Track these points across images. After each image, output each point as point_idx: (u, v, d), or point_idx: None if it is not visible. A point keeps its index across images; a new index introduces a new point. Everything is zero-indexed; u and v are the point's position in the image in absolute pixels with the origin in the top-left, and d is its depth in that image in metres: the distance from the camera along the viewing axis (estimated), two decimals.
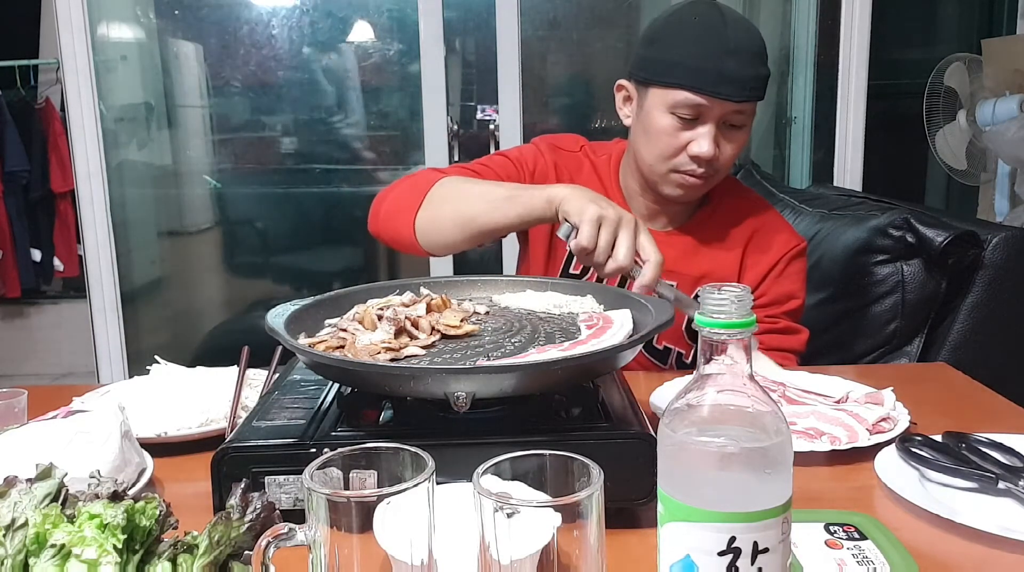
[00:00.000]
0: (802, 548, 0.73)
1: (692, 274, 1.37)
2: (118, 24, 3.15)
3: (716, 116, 1.25)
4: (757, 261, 1.38)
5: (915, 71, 3.01)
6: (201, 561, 0.62)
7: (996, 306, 1.60)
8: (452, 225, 1.25)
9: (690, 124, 1.26)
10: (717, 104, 1.24)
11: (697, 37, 1.25)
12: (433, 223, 1.27)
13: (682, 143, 1.28)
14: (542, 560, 0.54)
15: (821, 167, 3.09)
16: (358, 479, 0.58)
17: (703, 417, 0.53)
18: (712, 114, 1.25)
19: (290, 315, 0.95)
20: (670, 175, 1.31)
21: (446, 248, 1.30)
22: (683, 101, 1.25)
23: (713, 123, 1.26)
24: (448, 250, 1.32)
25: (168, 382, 1.16)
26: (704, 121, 1.26)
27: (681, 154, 1.28)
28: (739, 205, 1.43)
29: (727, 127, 1.28)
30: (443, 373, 0.79)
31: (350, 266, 3.43)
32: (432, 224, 1.27)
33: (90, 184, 2.83)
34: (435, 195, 1.28)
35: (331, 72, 3.15)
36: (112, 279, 2.90)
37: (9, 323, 4.21)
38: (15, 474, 0.66)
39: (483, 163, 1.43)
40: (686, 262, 1.38)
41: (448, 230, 1.26)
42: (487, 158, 1.46)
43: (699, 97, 1.24)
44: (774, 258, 1.38)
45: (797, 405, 1.07)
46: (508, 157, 1.44)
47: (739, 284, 0.54)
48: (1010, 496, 0.85)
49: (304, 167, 3.30)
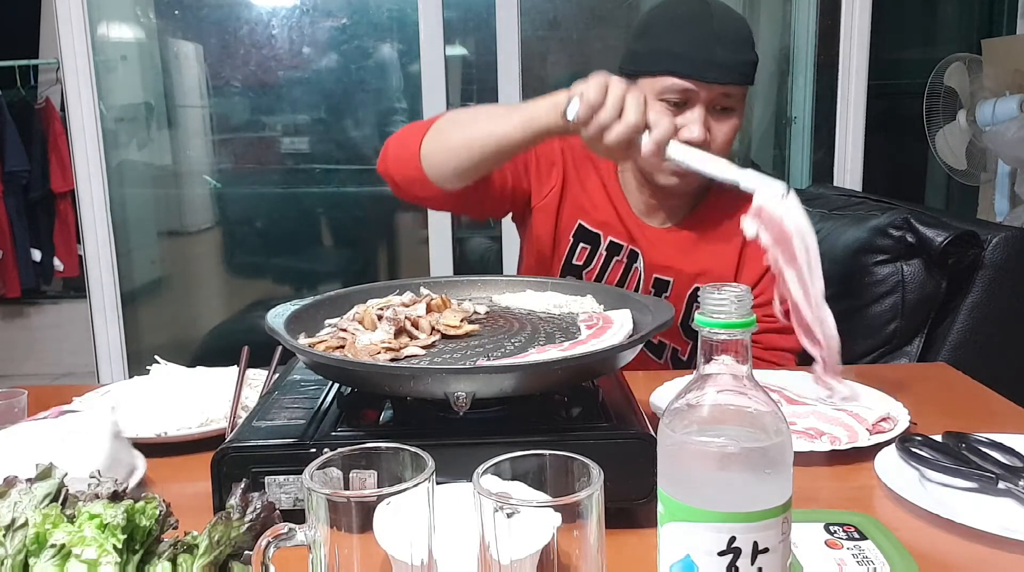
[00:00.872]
0: (802, 548, 0.73)
1: (689, 271, 1.38)
2: (118, 24, 3.14)
3: (704, 100, 1.27)
4: (755, 260, 1.38)
5: (915, 71, 3.01)
6: (201, 561, 0.62)
7: (996, 306, 1.60)
8: (458, 146, 1.19)
9: (679, 110, 1.28)
10: (704, 88, 1.26)
11: (682, 26, 1.28)
12: (439, 148, 1.21)
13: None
14: (542, 560, 0.54)
15: (821, 167, 3.08)
16: (358, 479, 0.58)
17: (703, 417, 0.53)
18: (700, 98, 1.27)
19: (290, 315, 0.95)
20: (664, 163, 1.32)
21: (452, 174, 1.21)
22: (671, 87, 1.26)
23: (702, 108, 1.27)
24: (454, 178, 1.22)
25: (168, 382, 1.16)
26: (692, 106, 1.27)
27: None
28: (738, 202, 1.42)
29: (717, 112, 1.29)
30: (443, 373, 0.79)
31: (350, 266, 3.43)
32: (437, 149, 1.21)
33: (90, 184, 2.83)
34: (442, 123, 1.24)
35: (331, 72, 3.15)
36: (112, 279, 2.90)
37: (9, 323, 4.21)
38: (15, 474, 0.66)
39: None
40: (684, 258, 1.38)
41: (454, 152, 1.19)
42: None
43: (686, 82, 1.25)
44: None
45: (797, 405, 1.07)
46: None
47: (739, 284, 0.54)
48: (1010, 496, 0.85)
49: (304, 167, 3.29)
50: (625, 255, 1.40)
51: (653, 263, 1.39)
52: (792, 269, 0.96)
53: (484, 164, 1.19)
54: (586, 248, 1.42)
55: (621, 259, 1.40)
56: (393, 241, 3.40)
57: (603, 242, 1.41)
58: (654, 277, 1.39)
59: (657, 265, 1.39)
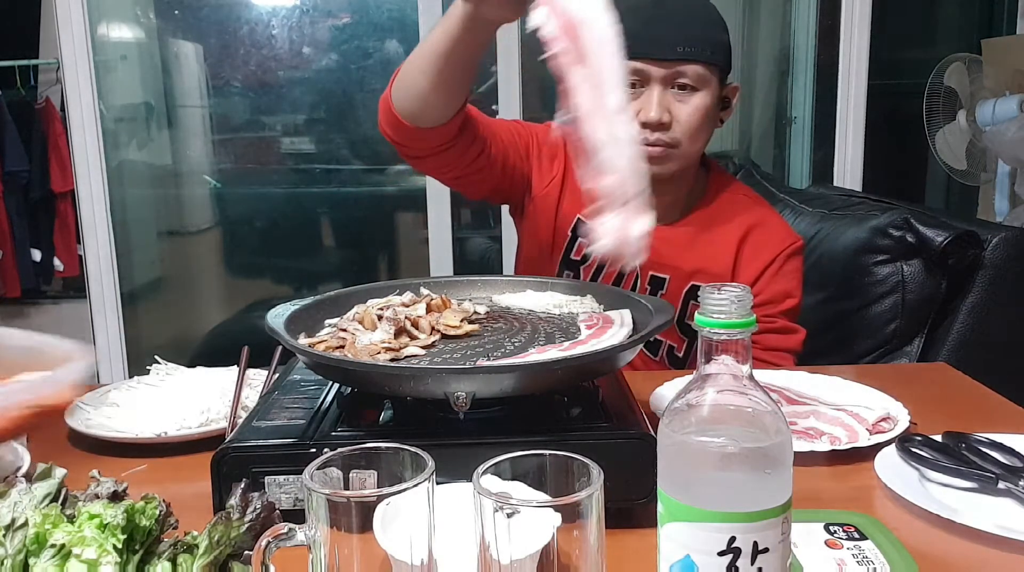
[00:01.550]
0: (802, 548, 0.73)
1: (685, 269, 1.37)
2: (118, 24, 3.15)
3: (659, 79, 1.27)
4: (752, 259, 1.38)
5: (915, 71, 3.01)
6: (201, 561, 0.62)
7: (996, 306, 1.60)
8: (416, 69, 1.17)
9: (636, 93, 1.29)
10: (653, 66, 1.27)
11: (634, 8, 1.28)
12: (403, 83, 1.21)
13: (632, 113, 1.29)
14: (542, 560, 0.54)
15: (821, 167, 3.09)
16: (358, 479, 0.58)
17: (703, 417, 0.53)
18: (653, 78, 1.27)
19: (290, 315, 0.95)
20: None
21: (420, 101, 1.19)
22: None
23: (658, 87, 1.28)
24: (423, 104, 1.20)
25: (168, 382, 1.16)
26: (647, 86, 1.28)
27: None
28: (735, 201, 1.42)
29: (677, 91, 1.29)
30: (443, 373, 0.79)
31: (350, 266, 3.43)
32: (402, 84, 1.21)
33: (90, 184, 2.83)
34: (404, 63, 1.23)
35: (331, 72, 3.15)
36: (112, 279, 2.90)
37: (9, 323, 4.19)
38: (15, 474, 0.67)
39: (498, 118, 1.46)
40: (679, 257, 1.38)
41: (413, 77, 1.18)
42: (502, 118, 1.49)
43: (634, 62, 1.26)
44: (770, 256, 1.37)
45: (797, 405, 1.07)
46: (520, 123, 1.47)
47: (739, 284, 0.54)
48: (1010, 496, 0.85)
49: (304, 167, 3.30)
50: None
51: (649, 261, 1.39)
52: (582, 68, 0.78)
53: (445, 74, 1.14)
54: (584, 243, 1.42)
55: None
56: (393, 241, 3.40)
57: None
58: (650, 274, 1.39)
59: (653, 263, 1.39)
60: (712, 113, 1.32)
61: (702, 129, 1.32)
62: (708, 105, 1.30)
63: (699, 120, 1.30)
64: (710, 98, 1.30)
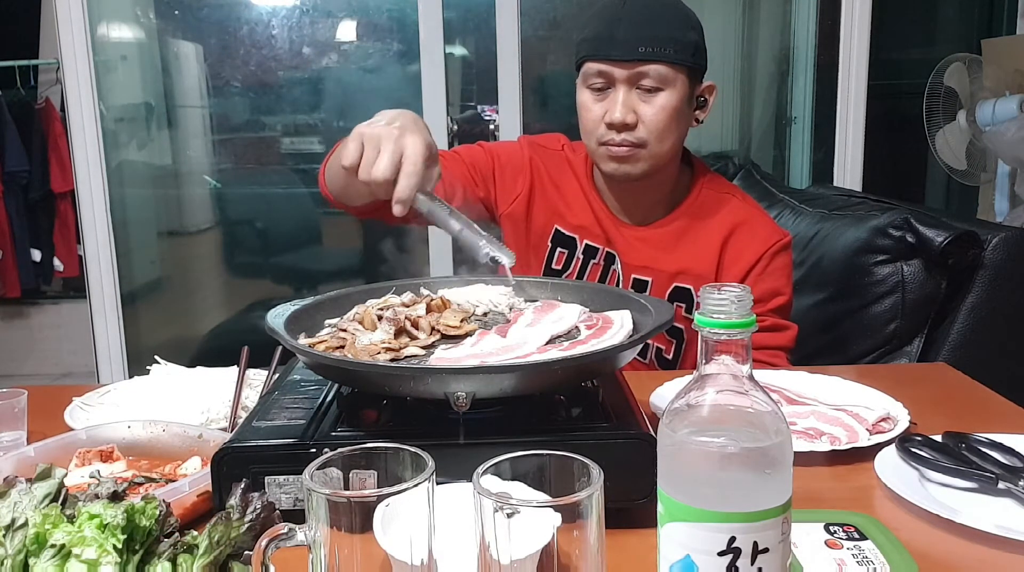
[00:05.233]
0: (802, 548, 0.73)
1: (668, 270, 1.37)
2: (118, 24, 3.15)
3: (622, 80, 1.28)
4: (737, 259, 1.36)
5: (915, 71, 3.01)
6: (201, 561, 0.62)
7: (996, 306, 1.60)
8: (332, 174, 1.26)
9: (604, 95, 1.30)
10: (615, 67, 1.28)
11: (598, 11, 1.31)
12: (331, 168, 1.28)
13: (600, 114, 1.31)
14: (542, 560, 0.54)
15: (821, 167, 3.09)
16: (358, 479, 0.58)
17: (703, 417, 0.53)
18: (617, 79, 1.28)
19: (290, 315, 0.95)
20: (599, 150, 1.34)
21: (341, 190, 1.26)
22: (588, 71, 1.30)
23: (624, 88, 1.28)
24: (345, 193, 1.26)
25: (168, 382, 1.17)
26: (613, 88, 1.29)
27: (601, 126, 1.31)
28: (719, 200, 1.41)
29: (642, 91, 1.29)
30: (443, 373, 0.79)
31: (350, 266, 3.43)
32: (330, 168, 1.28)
33: (90, 184, 2.83)
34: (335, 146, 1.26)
35: (331, 72, 3.16)
36: (112, 279, 2.90)
37: (9, 323, 4.21)
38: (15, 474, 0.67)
39: (456, 150, 1.48)
40: (662, 258, 1.37)
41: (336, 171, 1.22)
42: (466, 146, 1.50)
43: (598, 64, 1.28)
44: (755, 256, 1.36)
45: (797, 405, 1.07)
46: (482, 146, 1.48)
47: (739, 284, 0.54)
48: (1010, 496, 0.85)
49: (304, 167, 3.30)
50: (602, 258, 1.40)
51: (631, 264, 1.39)
52: None
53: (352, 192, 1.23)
54: (564, 253, 1.43)
55: (598, 262, 1.41)
56: (393, 241, 3.40)
57: (579, 246, 1.41)
58: (632, 277, 1.39)
59: (635, 265, 1.39)
60: (682, 112, 1.30)
61: (670, 128, 1.30)
62: (675, 105, 1.29)
63: (665, 119, 1.29)
64: (676, 97, 1.29)
